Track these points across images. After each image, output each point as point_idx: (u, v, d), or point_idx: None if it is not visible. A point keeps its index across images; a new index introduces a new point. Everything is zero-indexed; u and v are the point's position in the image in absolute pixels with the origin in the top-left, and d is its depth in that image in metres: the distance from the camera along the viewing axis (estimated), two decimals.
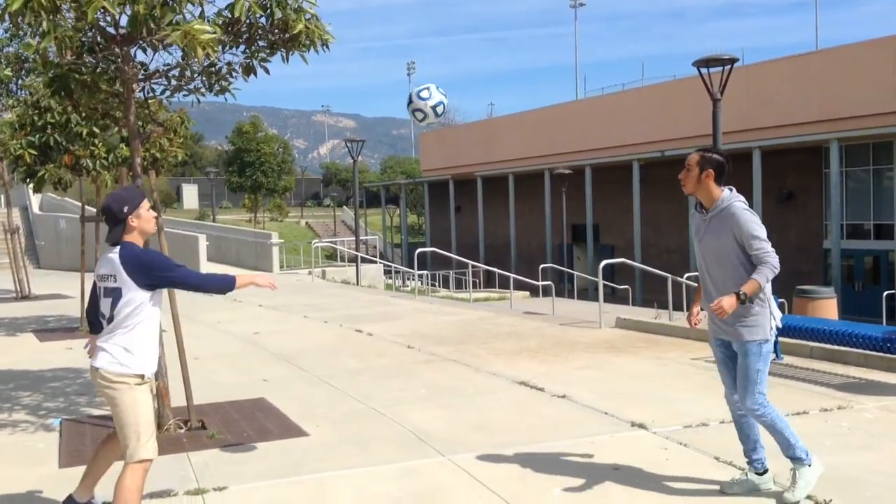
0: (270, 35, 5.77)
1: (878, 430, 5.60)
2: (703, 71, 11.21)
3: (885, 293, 18.46)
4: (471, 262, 21.71)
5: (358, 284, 22.03)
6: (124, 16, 5.22)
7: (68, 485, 4.34)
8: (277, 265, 26.50)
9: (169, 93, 6.15)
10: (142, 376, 3.83)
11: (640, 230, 33.44)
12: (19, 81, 10.77)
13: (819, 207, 29.50)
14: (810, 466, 4.24)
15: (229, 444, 5.57)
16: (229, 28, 5.60)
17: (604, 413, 6.21)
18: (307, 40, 5.76)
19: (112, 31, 5.46)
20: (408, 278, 27.64)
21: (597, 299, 13.21)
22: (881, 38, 27.07)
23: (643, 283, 28.86)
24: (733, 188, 4.28)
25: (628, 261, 15.71)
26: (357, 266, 23.16)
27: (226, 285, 4.02)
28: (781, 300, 10.61)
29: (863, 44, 27.90)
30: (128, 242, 3.89)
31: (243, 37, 5.79)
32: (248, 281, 4.08)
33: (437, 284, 28.61)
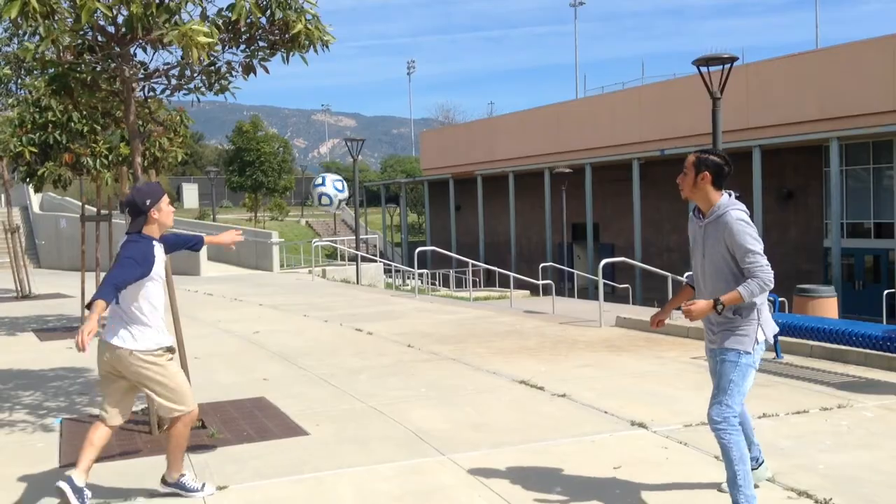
0: (271, 35, 5.77)
1: (878, 429, 5.60)
2: (703, 70, 11.21)
3: (886, 292, 18.47)
4: (471, 261, 21.73)
5: (358, 283, 22.03)
6: (121, 16, 5.23)
7: None
8: (278, 264, 26.51)
9: (169, 92, 6.15)
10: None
11: (641, 229, 33.46)
12: (19, 81, 10.75)
13: (819, 206, 29.50)
14: None
15: (229, 443, 5.57)
16: (229, 27, 5.60)
17: (604, 412, 6.22)
18: (307, 41, 5.76)
19: (112, 29, 5.46)
20: (408, 277, 27.65)
21: (597, 298, 13.21)
22: (881, 37, 27.06)
23: (643, 282, 28.90)
24: (733, 193, 4.00)
25: (628, 260, 15.70)
26: (357, 265, 23.16)
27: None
28: (782, 299, 10.63)
29: (863, 42, 27.89)
30: (137, 234, 4.24)
31: (243, 36, 5.79)
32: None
33: (437, 283, 28.63)
